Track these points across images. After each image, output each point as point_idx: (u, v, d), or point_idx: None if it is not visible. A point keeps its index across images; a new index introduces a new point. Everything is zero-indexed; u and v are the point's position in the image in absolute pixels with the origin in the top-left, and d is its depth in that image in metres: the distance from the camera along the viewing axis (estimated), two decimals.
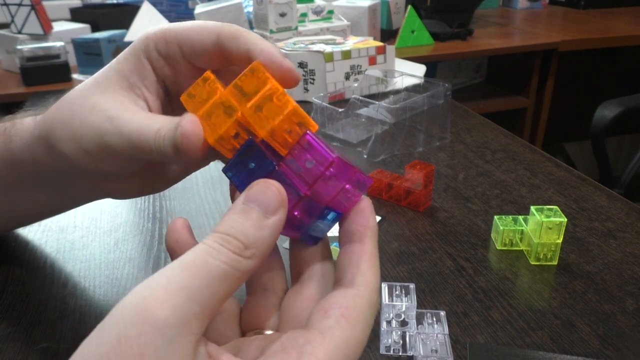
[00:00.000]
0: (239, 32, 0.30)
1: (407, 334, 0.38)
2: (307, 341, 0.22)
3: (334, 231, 0.28)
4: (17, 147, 0.36)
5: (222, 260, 0.21)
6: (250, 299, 0.28)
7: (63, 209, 0.44)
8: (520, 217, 0.50)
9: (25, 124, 0.36)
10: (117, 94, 0.31)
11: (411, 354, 0.37)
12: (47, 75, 1.17)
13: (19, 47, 1.17)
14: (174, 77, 0.33)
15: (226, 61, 0.31)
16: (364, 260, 0.25)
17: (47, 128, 0.33)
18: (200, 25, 0.31)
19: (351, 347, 0.22)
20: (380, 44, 0.96)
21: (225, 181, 0.45)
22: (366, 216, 0.26)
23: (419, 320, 0.38)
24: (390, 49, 0.97)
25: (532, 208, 0.47)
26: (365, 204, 0.26)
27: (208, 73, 0.27)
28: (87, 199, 0.41)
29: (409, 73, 0.82)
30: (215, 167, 0.59)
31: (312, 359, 0.21)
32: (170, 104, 0.35)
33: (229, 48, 0.30)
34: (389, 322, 0.38)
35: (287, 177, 0.25)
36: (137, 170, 0.36)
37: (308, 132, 0.25)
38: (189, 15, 1.52)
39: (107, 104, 0.31)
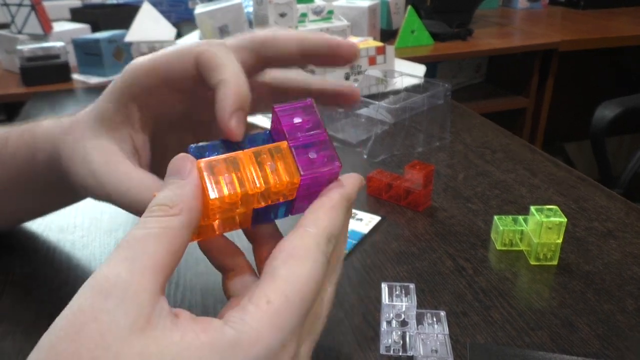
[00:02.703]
0: (211, 61, 0.29)
1: (407, 334, 0.38)
2: (256, 285, 0.23)
3: None
4: (39, 164, 0.38)
5: (149, 227, 0.23)
6: (224, 280, 0.29)
7: (51, 211, 0.47)
8: (520, 217, 0.50)
9: (41, 146, 0.38)
10: (103, 139, 0.33)
11: (411, 354, 0.37)
12: (47, 76, 1.17)
13: (19, 47, 1.17)
14: (159, 105, 0.33)
15: (207, 85, 0.30)
16: (322, 207, 0.26)
17: (57, 156, 0.35)
18: (179, 52, 0.31)
19: (302, 281, 0.23)
20: (380, 44, 0.96)
21: None
22: (341, 180, 0.27)
23: (419, 320, 0.38)
24: (390, 49, 0.97)
25: (532, 208, 0.47)
26: (351, 178, 0.28)
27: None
28: (79, 199, 0.44)
29: (408, 73, 0.82)
30: None
31: (263, 299, 0.22)
32: (158, 129, 0.35)
33: (204, 77, 0.30)
34: (389, 322, 0.38)
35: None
36: None
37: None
38: (189, 15, 1.51)
39: (92, 155, 0.33)
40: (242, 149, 0.26)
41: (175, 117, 0.35)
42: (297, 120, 0.28)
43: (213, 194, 0.25)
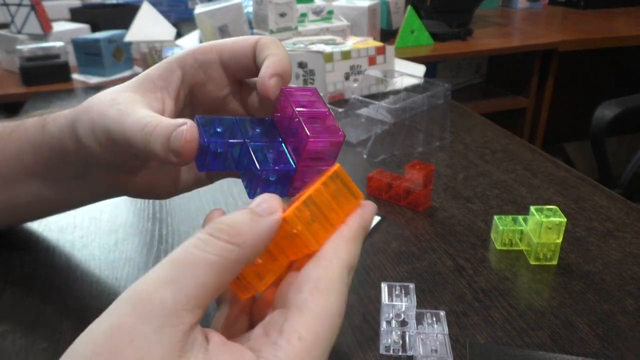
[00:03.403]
0: (269, 43, 0.33)
1: (407, 333, 0.38)
2: (285, 319, 0.23)
3: None
4: (49, 132, 0.39)
5: (208, 251, 0.22)
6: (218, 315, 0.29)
7: (80, 204, 0.46)
8: (520, 217, 0.50)
9: (61, 113, 0.39)
10: (137, 93, 0.34)
11: (411, 354, 0.37)
12: (47, 75, 1.17)
13: (18, 47, 1.17)
14: (204, 84, 0.35)
15: (257, 70, 0.33)
16: (343, 237, 0.26)
17: (74, 117, 0.36)
18: (241, 37, 0.35)
19: (329, 316, 0.23)
20: (380, 44, 0.96)
21: (225, 181, 0.45)
22: (360, 209, 0.27)
23: (419, 320, 0.38)
24: (390, 49, 0.97)
25: (532, 208, 0.47)
26: (369, 207, 0.28)
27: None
28: (103, 194, 0.43)
29: (408, 73, 0.82)
30: None
31: (294, 336, 0.22)
32: (191, 109, 0.37)
33: (257, 56, 0.34)
34: (388, 322, 0.38)
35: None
36: (150, 173, 0.38)
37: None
38: (188, 15, 1.51)
39: (122, 98, 0.33)
40: (243, 126, 0.30)
41: (208, 102, 0.36)
42: (302, 100, 0.31)
43: (314, 244, 0.25)
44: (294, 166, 0.30)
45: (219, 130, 0.30)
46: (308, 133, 0.28)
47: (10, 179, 0.42)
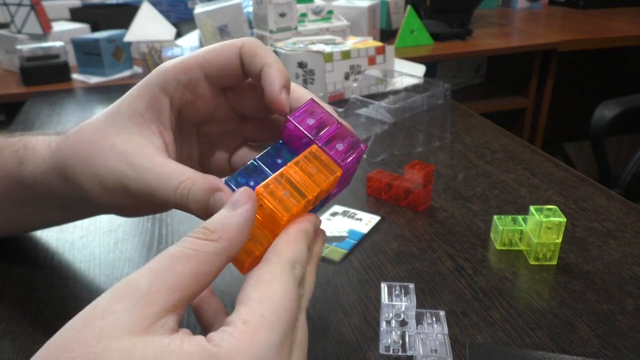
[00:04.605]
0: (256, 49, 0.32)
1: (407, 333, 0.38)
2: (233, 312, 0.24)
3: (333, 232, 0.29)
4: (29, 171, 0.38)
5: (184, 246, 0.24)
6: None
7: (70, 221, 0.47)
8: (520, 217, 0.50)
9: (37, 150, 0.38)
10: (133, 134, 0.32)
11: (411, 354, 0.37)
12: (46, 75, 1.17)
13: (18, 47, 1.17)
14: (192, 103, 0.34)
15: (244, 77, 0.33)
16: (280, 240, 0.27)
17: (63, 162, 0.34)
18: (222, 45, 0.33)
19: (274, 301, 0.24)
20: (380, 44, 0.96)
21: None
22: (301, 218, 0.29)
23: (419, 320, 0.38)
24: (390, 49, 0.97)
25: (532, 208, 0.47)
26: (309, 216, 0.29)
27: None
28: (95, 214, 0.44)
29: (408, 73, 0.82)
30: None
31: (239, 321, 0.23)
32: (180, 131, 0.36)
33: (247, 64, 0.32)
34: (388, 322, 0.38)
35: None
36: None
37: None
38: (188, 15, 1.51)
39: (124, 146, 0.32)
40: (265, 170, 0.30)
41: (197, 118, 0.35)
42: (310, 121, 0.30)
43: (283, 213, 0.27)
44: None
45: (252, 183, 0.30)
46: (340, 163, 0.29)
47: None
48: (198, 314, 0.30)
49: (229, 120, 0.36)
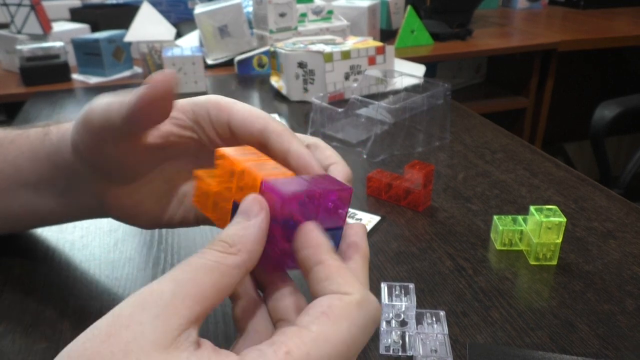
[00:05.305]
0: (283, 132, 0.33)
1: (407, 333, 0.38)
2: (281, 333, 0.22)
3: None
4: (49, 141, 0.40)
5: (206, 258, 0.24)
6: (234, 308, 0.29)
7: (68, 219, 0.46)
8: (520, 217, 0.50)
9: (68, 123, 0.40)
10: None
11: (411, 354, 0.37)
12: (46, 76, 1.17)
13: (18, 47, 1.17)
14: (206, 135, 0.35)
15: (261, 146, 0.33)
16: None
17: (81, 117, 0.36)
18: (251, 111, 0.34)
19: (331, 344, 0.22)
20: (380, 44, 0.96)
21: None
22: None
23: (419, 320, 0.38)
24: (390, 49, 0.97)
25: (532, 208, 0.47)
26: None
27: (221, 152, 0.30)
28: (90, 213, 0.43)
29: (408, 73, 0.82)
30: None
31: (283, 349, 0.21)
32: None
33: (271, 142, 0.33)
34: (388, 322, 0.38)
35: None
36: (138, 195, 0.38)
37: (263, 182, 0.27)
38: (188, 15, 1.51)
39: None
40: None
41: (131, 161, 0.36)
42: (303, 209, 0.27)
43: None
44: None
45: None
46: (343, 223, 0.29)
47: (3, 186, 0.42)
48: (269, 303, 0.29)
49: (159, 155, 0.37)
